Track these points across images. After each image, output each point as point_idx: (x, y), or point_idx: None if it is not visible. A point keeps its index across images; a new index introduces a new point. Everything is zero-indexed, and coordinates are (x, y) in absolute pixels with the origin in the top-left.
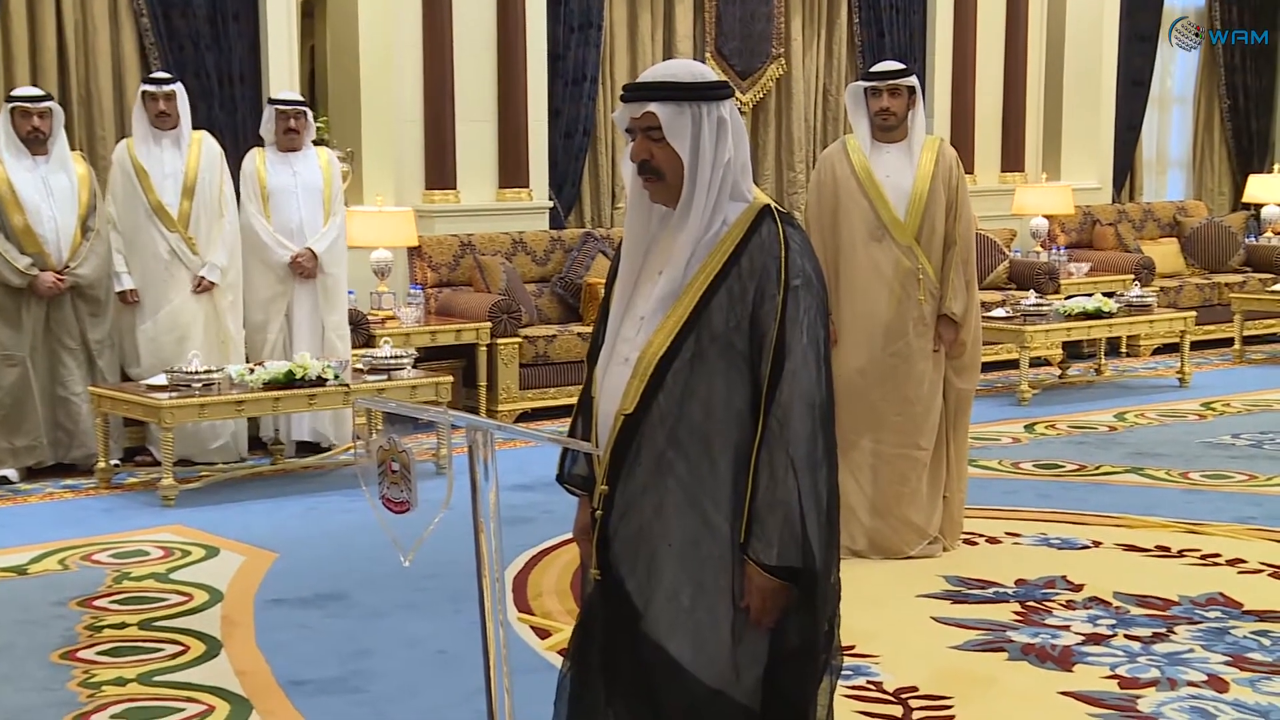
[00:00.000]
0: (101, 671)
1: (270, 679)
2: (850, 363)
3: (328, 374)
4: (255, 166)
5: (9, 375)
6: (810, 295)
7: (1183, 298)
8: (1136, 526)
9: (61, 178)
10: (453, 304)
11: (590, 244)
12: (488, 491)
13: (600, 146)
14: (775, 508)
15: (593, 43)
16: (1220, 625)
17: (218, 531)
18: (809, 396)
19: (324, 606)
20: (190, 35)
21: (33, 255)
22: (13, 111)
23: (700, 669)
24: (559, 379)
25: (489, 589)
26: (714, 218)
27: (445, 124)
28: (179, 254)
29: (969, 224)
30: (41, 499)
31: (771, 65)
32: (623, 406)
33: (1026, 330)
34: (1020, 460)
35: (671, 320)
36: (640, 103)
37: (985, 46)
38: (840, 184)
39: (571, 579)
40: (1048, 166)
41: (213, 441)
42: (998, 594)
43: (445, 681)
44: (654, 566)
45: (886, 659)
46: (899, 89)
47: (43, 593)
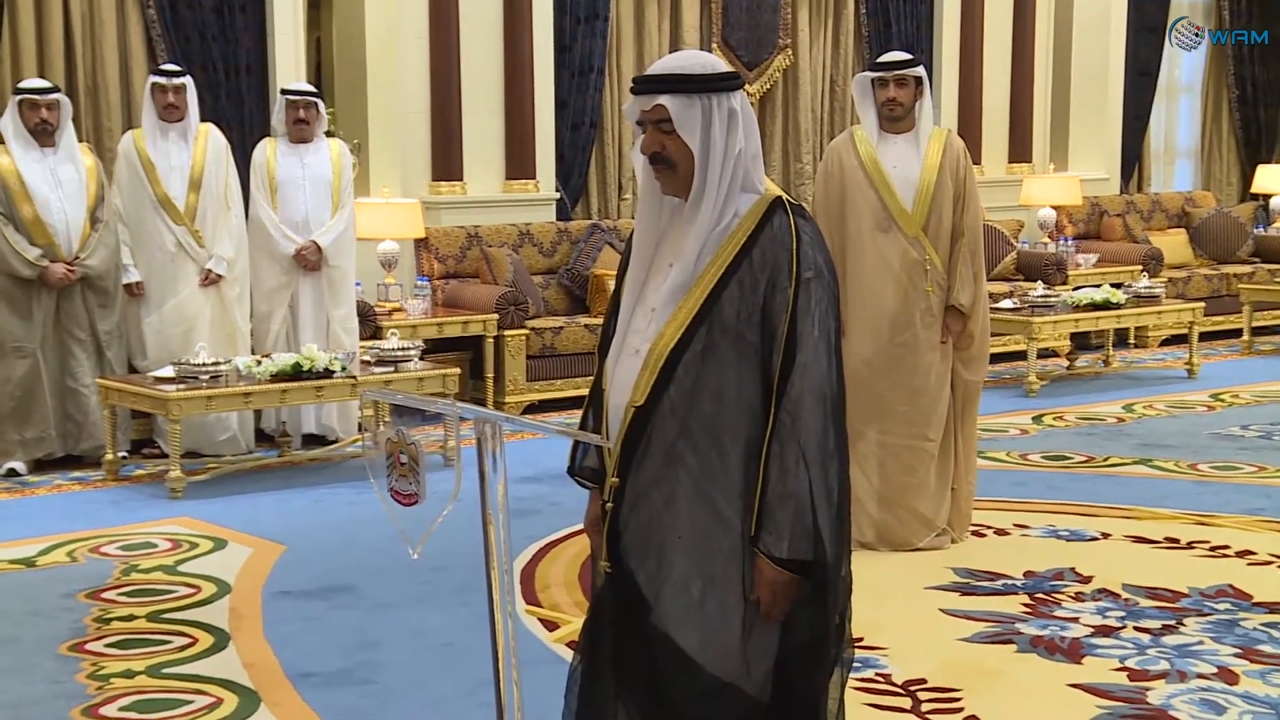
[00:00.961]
0: (110, 664)
1: (278, 671)
2: (857, 353)
3: (335, 366)
4: (265, 157)
5: (19, 367)
6: (822, 287)
7: (1191, 289)
8: (1145, 518)
9: (70, 169)
10: (460, 296)
11: (597, 235)
12: (496, 484)
13: (607, 138)
14: (786, 500)
15: (599, 34)
16: (1230, 617)
17: (225, 524)
18: (820, 389)
19: (332, 598)
20: (197, 26)
21: (42, 246)
22: (20, 104)
23: (710, 661)
24: (566, 371)
25: (497, 581)
26: (725, 209)
27: (452, 115)
28: (185, 247)
29: (976, 215)
30: (49, 491)
31: (778, 56)
32: (633, 398)
33: (1034, 321)
34: (1028, 452)
35: (683, 312)
36: (650, 95)
37: (992, 37)
38: (847, 175)
39: (580, 571)
40: (1055, 157)
41: (220, 434)
42: (1006, 586)
43: (453, 673)
44: (664, 559)
45: (895, 651)
46: (905, 79)
47: (51, 585)
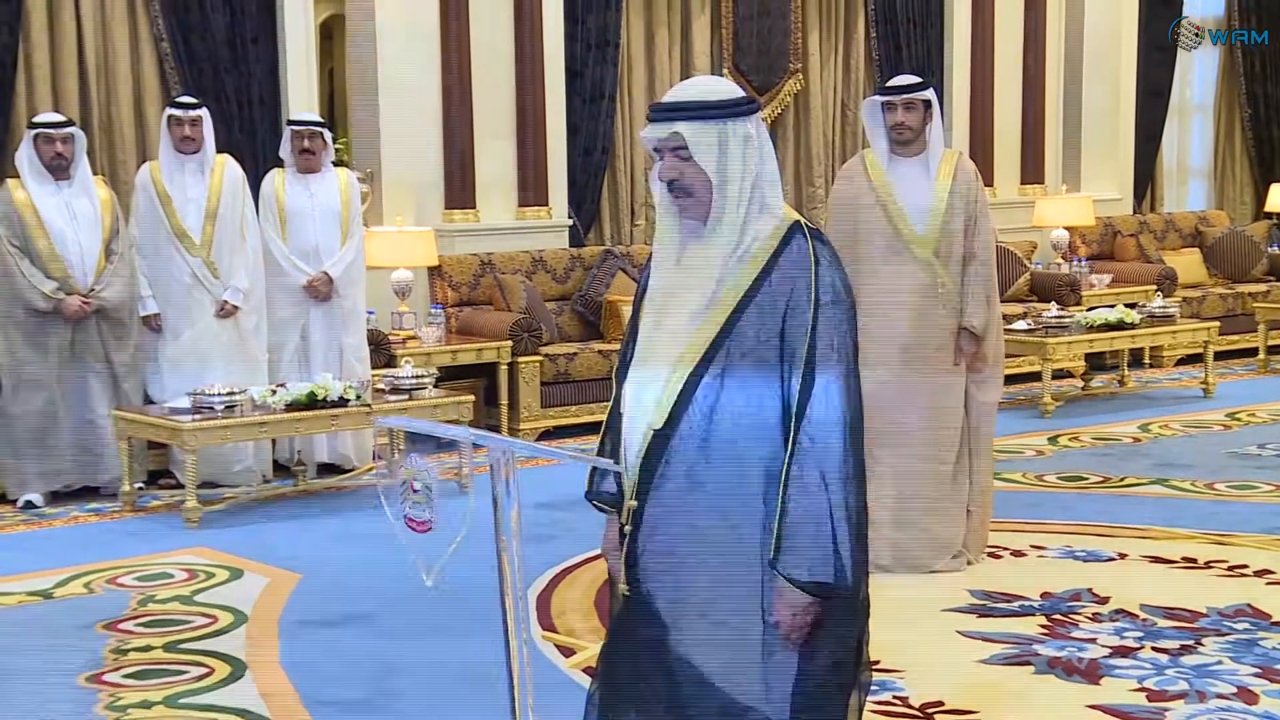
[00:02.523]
0: (128, 694)
1: (296, 700)
2: (869, 376)
3: (349, 394)
4: (274, 188)
5: (35, 399)
6: (840, 310)
7: (1206, 308)
8: (1162, 538)
9: (84, 202)
10: (473, 323)
11: (610, 261)
12: (510, 510)
13: (619, 164)
14: (806, 523)
15: (610, 60)
16: (1249, 636)
17: (242, 553)
18: (839, 411)
19: (349, 627)
20: (209, 59)
21: (58, 279)
22: (36, 138)
23: (729, 684)
24: (580, 397)
25: (511, 608)
26: (744, 233)
27: (464, 143)
28: (201, 279)
29: (988, 237)
30: (66, 523)
31: (789, 80)
32: (653, 422)
33: (1049, 342)
34: (1044, 473)
35: (702, 335)
36: (667, 123)
37: (1003, 59)
38: (858, 199)
39: (596, 596)
40: (1068, 178)
41: (235, 464)
42: (1023, 607)
43: (471, 701)
44: (683, 582)
45: (912, 674)
46: (914, 103)
47: (68, 616)
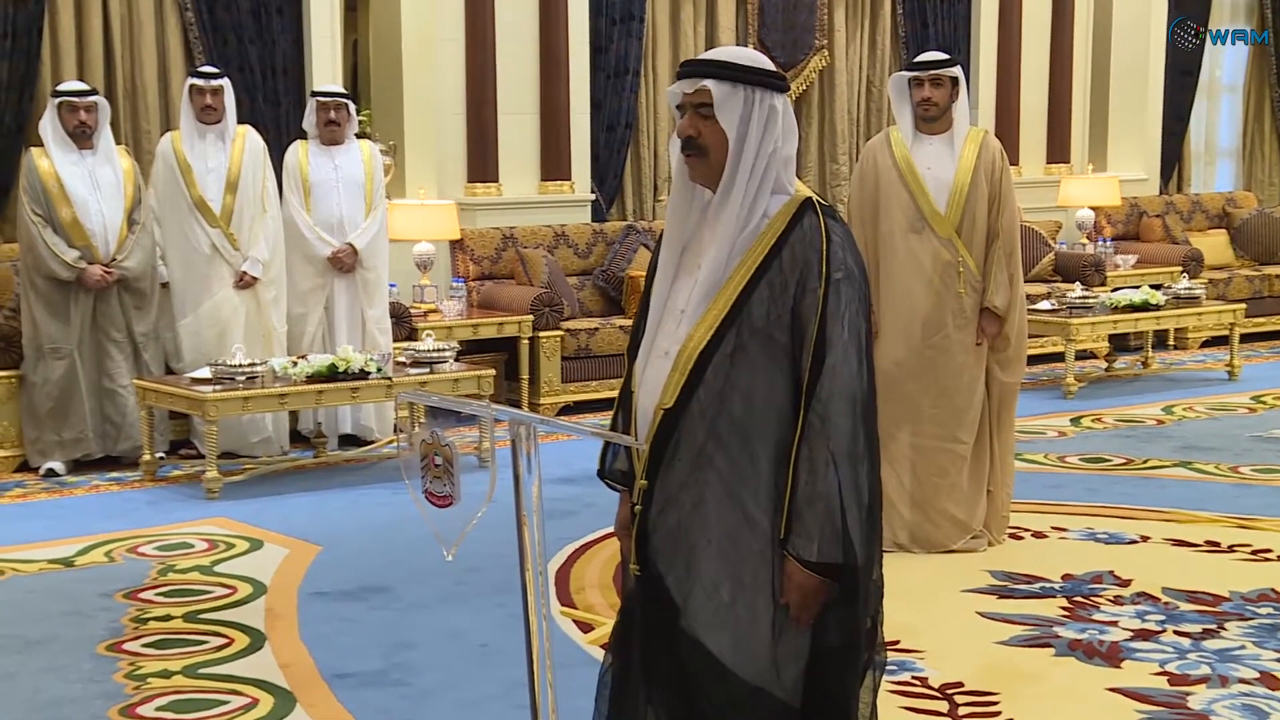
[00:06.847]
0: (147, 663)
1: (314, 671)
2: (889, 355)
3: (370, 367)
4: (297, 159)
5: (57, 368)
6: (852, 288)
7: (1232, 290)
8: (1185, 521)
9: (108, 171)
10: (495, 297)
11: (632, 236)
12: (530, 485)
13: (642, 139)
14: (816, 503)
15: (634, 35)
16: (1272, 621)
17: (262, 524)
18: (850, 391)
19: (367, 599)
20: (234, 29)
21: (80, 248)
22: (60, 106)
23: (740, 665)
24: (601, 372)
25: (531, 583)
26: (755, 208)
27: (487, 117)
28: (220, 249)
29: (1013, 217)
30: (87, 491)
31: (815, 57)
32: (662, 401)
33: (1072, 323)
34: (1066, 454)
35: (712, 314)
36: (696, 78)
37: (1030, 36)
38: (881, 175)
39: (614, 573)
40: (1094, 158)
41: (255, 435)
42: (1044, 589)
43: (488, 674)
44: (693, 562)
45: (931, 654)
46: (941, 79)
47: (89, 585)
